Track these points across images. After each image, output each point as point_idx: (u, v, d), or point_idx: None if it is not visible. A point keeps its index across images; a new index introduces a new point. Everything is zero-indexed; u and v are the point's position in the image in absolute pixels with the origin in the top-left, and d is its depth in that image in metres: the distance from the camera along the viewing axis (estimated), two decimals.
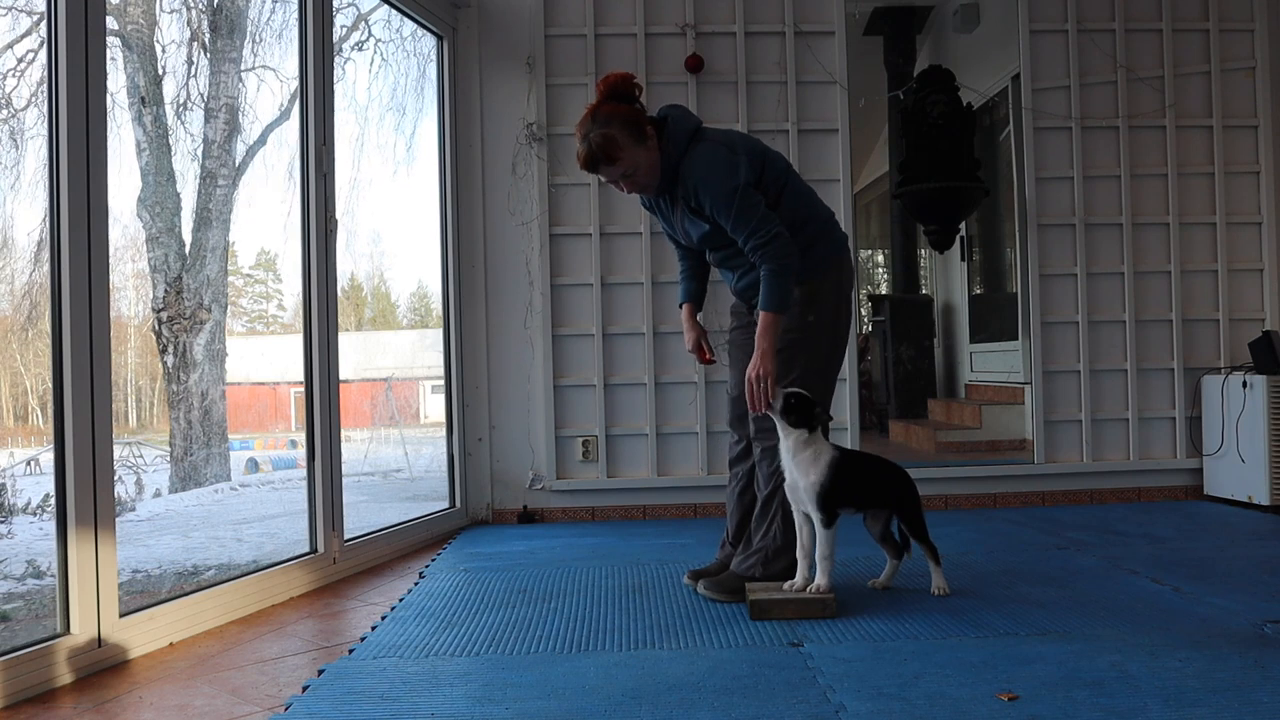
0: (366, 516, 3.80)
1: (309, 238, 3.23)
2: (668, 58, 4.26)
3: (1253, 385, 4.03)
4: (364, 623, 2.66)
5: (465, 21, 4.22)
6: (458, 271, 4.20)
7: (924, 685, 1.97)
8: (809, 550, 2.58)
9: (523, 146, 4.23)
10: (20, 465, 3.43)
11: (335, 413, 3.26)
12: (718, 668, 2.13)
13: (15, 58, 3.03)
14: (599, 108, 2.59)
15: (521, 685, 2.05)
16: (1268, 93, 4.37)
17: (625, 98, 2.61)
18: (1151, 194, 4.38)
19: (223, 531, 3.94)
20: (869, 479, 2.69)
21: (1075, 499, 4.32)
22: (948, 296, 7.00)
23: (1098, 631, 2.32)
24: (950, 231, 5.70)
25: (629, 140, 2.56)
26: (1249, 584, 2.75)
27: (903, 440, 6.04)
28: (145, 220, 3.90)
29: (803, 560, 2.59)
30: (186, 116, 4.05)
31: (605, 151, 2.56)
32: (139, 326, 4.02)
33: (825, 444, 2.57)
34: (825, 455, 2.53)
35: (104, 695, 2.10)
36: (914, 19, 6.61)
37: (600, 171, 2.62)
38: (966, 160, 5.35)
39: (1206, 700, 1.84)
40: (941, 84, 5.36)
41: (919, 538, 2.71)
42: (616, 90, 2.61)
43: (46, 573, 2.67)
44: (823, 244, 2.72)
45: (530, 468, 4.24)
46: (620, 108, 2.59)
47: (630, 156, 2.57)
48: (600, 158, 2.57)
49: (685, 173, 2.61)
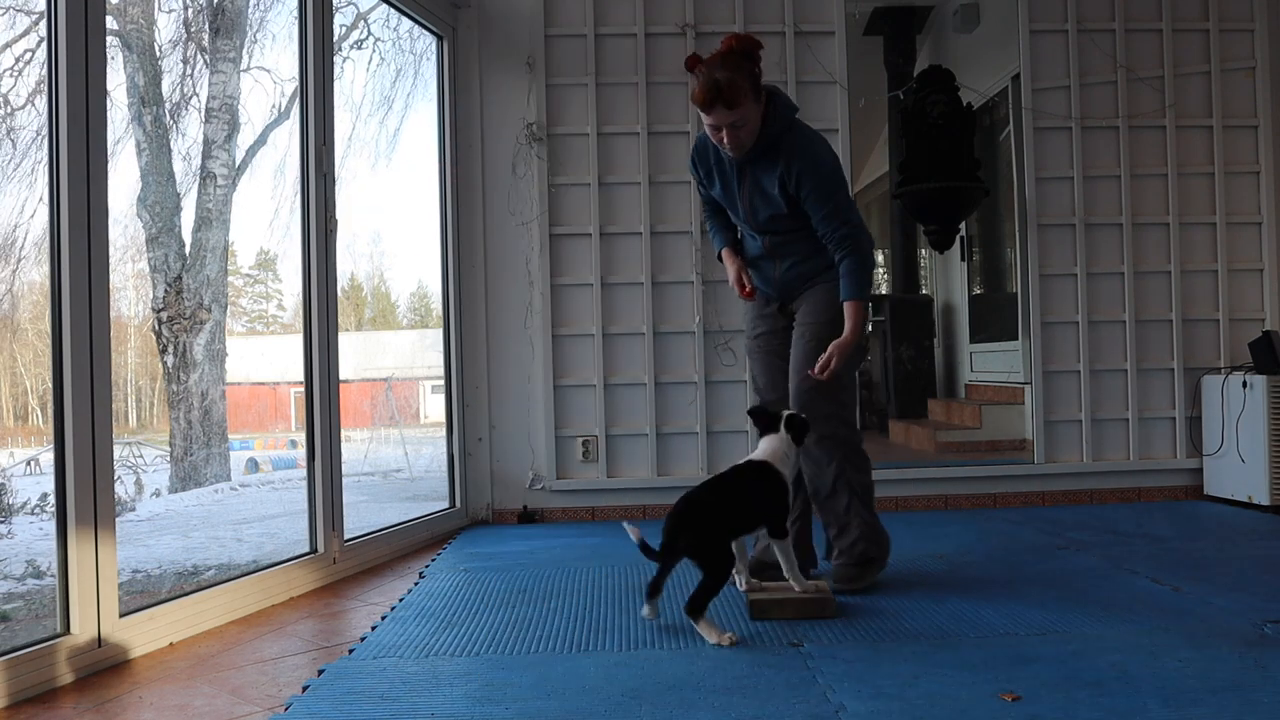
0: (366, 516, 3.80)
1: (309, 237, 3.23)
2: (668, 58, 4.26)
3: (1253, 385, 4.03)
4: (364, 623, 2.66)
5: (465, 21, 4.22)
6: (458, 271, 4.20)
7: (924, 685, 1.97)
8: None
9: (523, 146, 4.23)
10: (20, 465, 3.43)
11: (335, 413, 3.26)
12: (718, 668, 2.12)
13: (14, 56, 3.03)
14: (728, 55, 2.57)
15: (521, 685, 2.05)
16: (1268, 93, 4.37)
17: (751, 57, 2.61)
18: (1151, 194, 4.38)
19: (223, 531, 3.94)
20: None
21: (1075, 499, 4.32)
22: (948, 296, 7.00)
23: (1098, 631, 2.32)
24: (950, 231, 5.70)
25: (750, 94, 2.57)
26: (1249, 584, 2.75)
27: (903, 440, 6.04)
28: (145, 220, 3.90)
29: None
30: (185, 116, 4.05)
31: (730, 94, 2.53)
32: (139, 326, 4.02)
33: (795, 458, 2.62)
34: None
35: (104, 695, 2.10)
36: (914, 19, 6.61)
37: (713, 113, 2.56)
38: (966, 160, 5.35)
39: (1206, 700, 1.84)
40: (941, 84, 5.36)
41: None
42: (746, 48, 2.61)
43: (46, 573, 2.67)
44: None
45: (530, 468, 4.24)
46: (745, 63, 2.59)
47: (746, 109, 2.57)
48: (722, 99, 2.53)
49: (789, 150, 2.64)
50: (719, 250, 2.99)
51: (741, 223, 2.87)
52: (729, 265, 2.95)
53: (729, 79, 2.53)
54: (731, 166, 2.76)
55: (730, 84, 2.52)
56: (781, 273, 2.84)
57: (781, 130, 2.65)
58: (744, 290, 2.91)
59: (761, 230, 2.81)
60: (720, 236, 2.98)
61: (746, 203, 2.77)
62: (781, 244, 2.80)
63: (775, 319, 2.92)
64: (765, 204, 2.73)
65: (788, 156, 2.65)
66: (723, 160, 2.77)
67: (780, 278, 2.85)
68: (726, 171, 2.78)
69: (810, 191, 2.65)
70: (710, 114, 2.57)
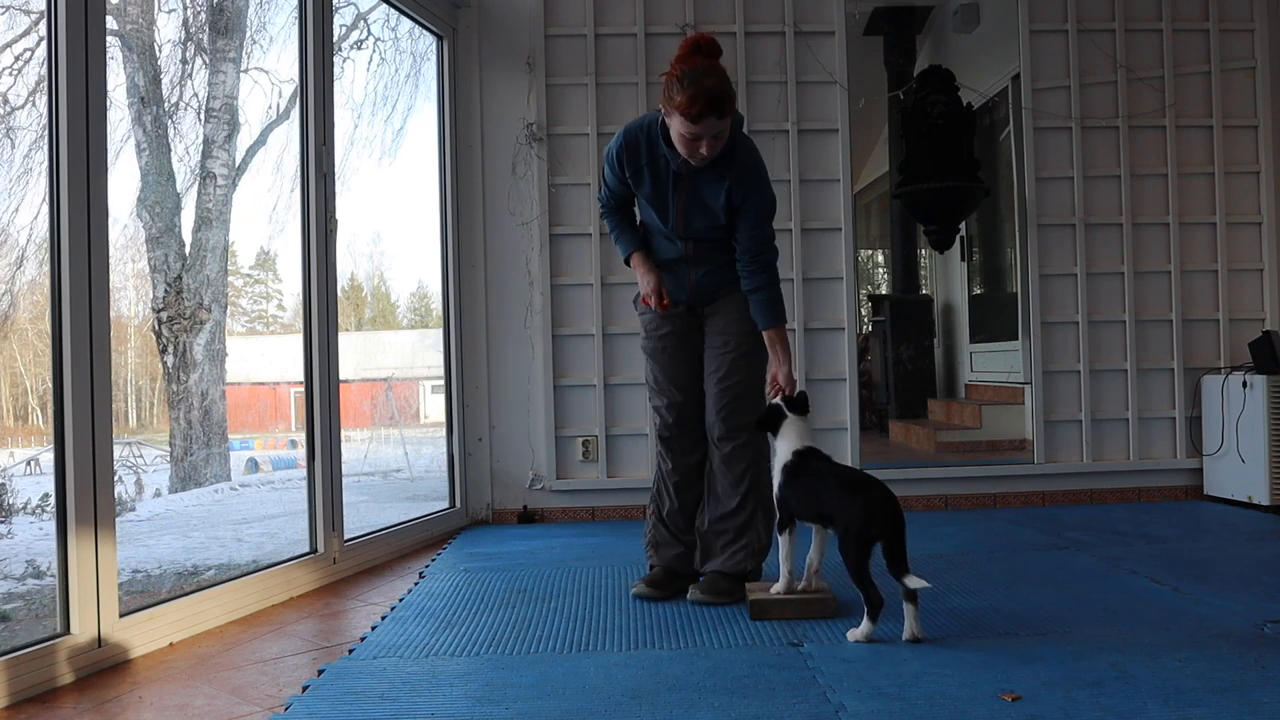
0: (366, 516, 3.80)
1: (309, 238, 3.23)
2: (668, 58, 4.21)
3: (1253, 385, 4.03)
4: (364, 623, 2.66)
5: (465, 21, 4.22)
6: (458, 271, 4.20)
7: (924, 685, 1.97)
8: (811, 557, 2.58)
9: (523, 146, 4.23)
10: (20, 465, 3.43)
11: (335, 413, 3.26)
12: (718, 668, 2.12)
13: (13, 56, 3.03)
14: (714, 62, 2.46)
15: (521, 685, 2.05)
16: (1268, 93, 4.37)
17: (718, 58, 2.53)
18: (1151, 194, 4.38)
19: (223, 531, 3.94)
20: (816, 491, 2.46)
21: (1075, 499, 4.32)
22: (948, 296, 7.00)
23: (1098, 631, 2.32)
24: (950, 231, 5.70)
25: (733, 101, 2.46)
26: (1249, 584, 2.75)
27: (903, 440, 6.04)
28: (145, 220, 3.90)
29: (784, 564, 2.58)
30: (185, 117, 4.05)
31: (726, 104, 2.40)
32: (139, 326, 4.02)
33: (785, 447, 2.55)
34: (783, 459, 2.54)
35: (104, 695, 2.10)
36: (914, 19, 6.61)
37: (703, 121, 2.39)
38: (966, 160, 5.36)
39: (1206, 700, 1.84)
40: (941, 84, 5.37)
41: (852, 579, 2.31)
42: (715, 50, 2.50)
43: (46, 573, 2.67)
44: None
45: (530, 468, 4.24)
46: (721, 68, 2.47)
47: (730, 118, 2.46)
48: (717, 109, 2.39)
49: (742, 164, 2.57)
50: (628, 254, 2.81)
51: (666, 227, 2.69)
52: (647, 274, 2.76)
53: (722, 88, 2.40)
54: (668, 170, 2.61)
55: (725, 93, 2.40)
56: (699, 277, 2.73)
57: (735, 141, 2.56)
58: (663, 303, 2.75)
59: (686, 237, 2.69)
60: (628, 238, 2.80)
61: (680, 209, 2.63)
62: (708, 250, 2.70)
63: (681, 320, 2.80)
64: (702, 214, 2.63)
65: (739, 170, 2.57)
66: (657, 161, 2.61)
67: (697, 282, 2.74)
68: (661, 174, 2.62)
69: (753, 210, 2.60)
70: (700, 124, 2.40)
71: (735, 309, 2.73)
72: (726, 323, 2.74)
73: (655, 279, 2.75)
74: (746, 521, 2.74)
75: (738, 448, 2.72)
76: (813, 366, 4.27)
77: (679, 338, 2.81)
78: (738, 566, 2.73)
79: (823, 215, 4.27)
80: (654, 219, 2.72)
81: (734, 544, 2.74)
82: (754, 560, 2.75)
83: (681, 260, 2.73)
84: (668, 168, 2.61)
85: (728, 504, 2.75)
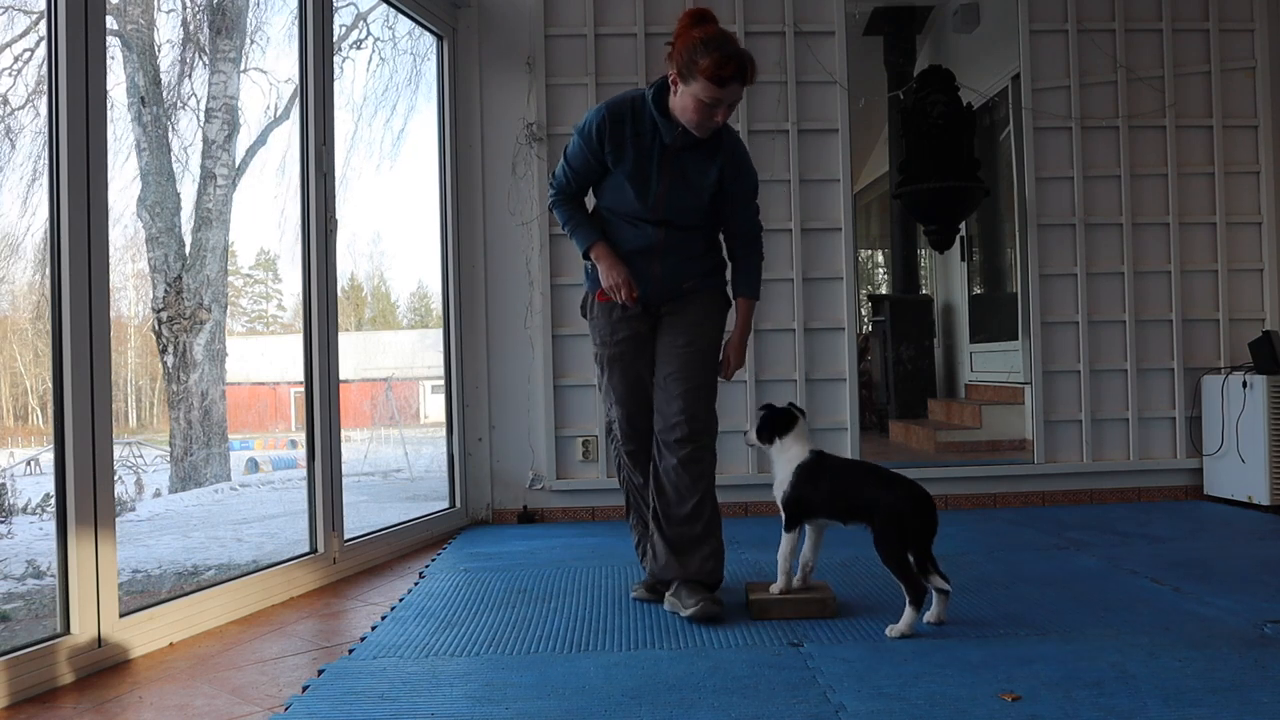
0: (366, 516, 3.80)
1: (309, 238, 3.23)
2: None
3: (1253, 385, 4.03)
4: (364, 623, 2.66)
5: (465, 21, 4.22)
6: (458, 271, 4.20)
7: (924, 685, 1.97)
8: (806, 556, 2.58)
9: (523, 146, 4.23)
10: (20, 465, 3.43)
11: (335, 413, 3.26)
12: (718, 668, 2.12)
13: (13, 56, 3.03)
14: (723, 30, 2.45)
15: (521, 685, 2.05)
16: (1268, 93, 4.37)
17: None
18: (1151, 194, 4.38)
19: (223, 531, 3.94)
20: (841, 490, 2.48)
21: (1075, 499, 4.32)
22: (948, 296, 7.00)
23: (1098, 631, 2.32)
24: (950, 231, 5.70)
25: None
26: (1249, 584, 2.75)
27: (903, 440, 6.04)
28: (145, 220, 3.90)
29: (784, 563, 2.57)
30: (185, 117, 4.06)
31: (751, 69, 2.41)
32: (139, 326, 4.02)
33: (798, 448, 2.54)
34: (796, 459, 2.53)
35: (104, 695, 2.10)
36: (914, 19, 6.61)
37: (727, 87, 2.37)
38: (966, 160, 5.35)
39: (1206, 700, 1.84)
40: (941, 84, 5.36)
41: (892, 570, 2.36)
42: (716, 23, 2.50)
43: (46, 573, 2.67)
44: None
45: (530, 468, 4.24)
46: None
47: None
48: (745, 72, 2.39)
49: (732, 142, 2.61)
50: (589, 244, 2.63)
51: (644, 208, 2.57)
52: (614, 265, 2.59)
53: (748, 54, 2.40)
54: (654, 146, 2.52)
55: (751, 59, 2.40)
56: (665, 270, 2.62)
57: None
58: (633, 294, 2.60)
59: (661, 221, 2.59)
60: (587, 228, 2.64)
61: (664, 188, 2.54)
62: (678, 240, 2.61)
63: (640, 321, 2.68)
64: (686, 193, 2.56)
65: (730, 149, 2.59)
66: (643, 135, 2.52)
67: (661, 275, 2.62)
68: (646, 150, 2.53)
69: (745, 190, 2.66)
70: (725, 88, 2.36)
71: (698, 307, 2.67)
72: (688, 323, 2.66)
73: (625, 270, 2.60)
74: (708, 526, 2.64)
75: (699, 449, 2.63)
76: (813, 366, 4.27)
77: (638, 343, 2.69)
78: (711, 576, 2.63)
79: (823, 215, 4.27)
80: (627, 201, 2.58)
81: (699, 550, 2.63)
82: (721, 566, 2.67)
83: (649, 249, 2.61)
84: (654, 143, 2.53)
85: (684, 508, 2.62)
